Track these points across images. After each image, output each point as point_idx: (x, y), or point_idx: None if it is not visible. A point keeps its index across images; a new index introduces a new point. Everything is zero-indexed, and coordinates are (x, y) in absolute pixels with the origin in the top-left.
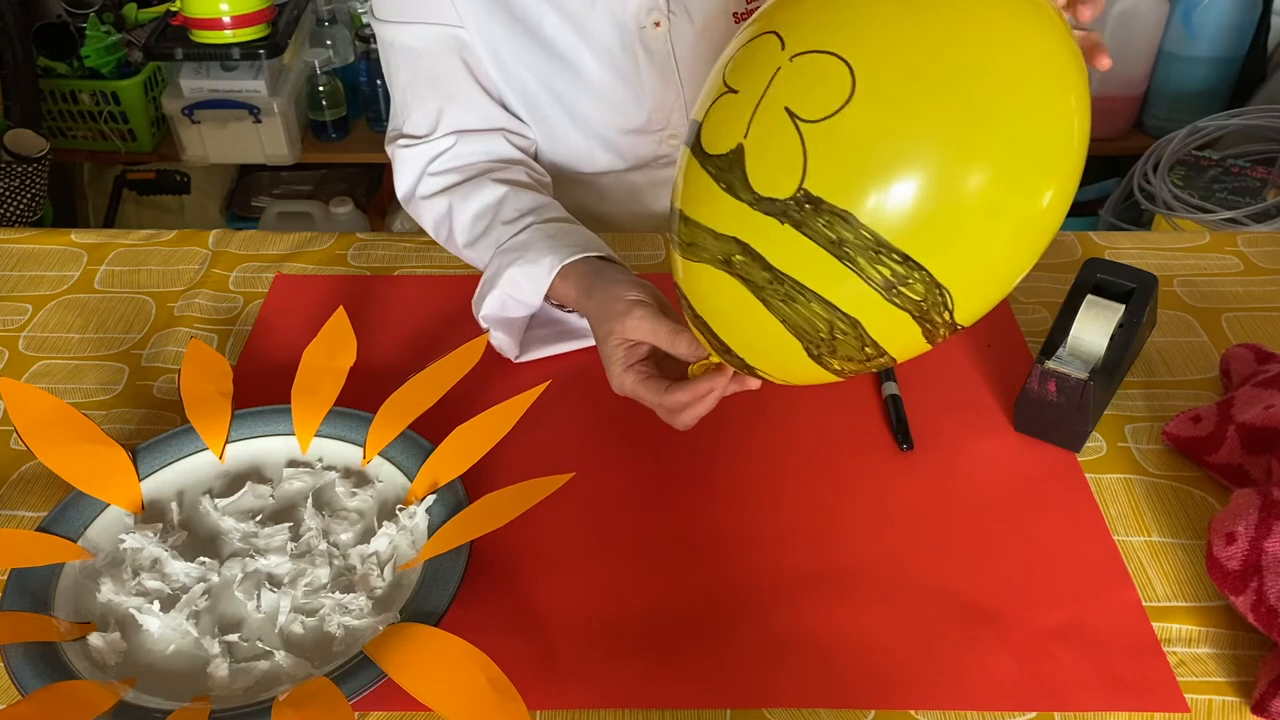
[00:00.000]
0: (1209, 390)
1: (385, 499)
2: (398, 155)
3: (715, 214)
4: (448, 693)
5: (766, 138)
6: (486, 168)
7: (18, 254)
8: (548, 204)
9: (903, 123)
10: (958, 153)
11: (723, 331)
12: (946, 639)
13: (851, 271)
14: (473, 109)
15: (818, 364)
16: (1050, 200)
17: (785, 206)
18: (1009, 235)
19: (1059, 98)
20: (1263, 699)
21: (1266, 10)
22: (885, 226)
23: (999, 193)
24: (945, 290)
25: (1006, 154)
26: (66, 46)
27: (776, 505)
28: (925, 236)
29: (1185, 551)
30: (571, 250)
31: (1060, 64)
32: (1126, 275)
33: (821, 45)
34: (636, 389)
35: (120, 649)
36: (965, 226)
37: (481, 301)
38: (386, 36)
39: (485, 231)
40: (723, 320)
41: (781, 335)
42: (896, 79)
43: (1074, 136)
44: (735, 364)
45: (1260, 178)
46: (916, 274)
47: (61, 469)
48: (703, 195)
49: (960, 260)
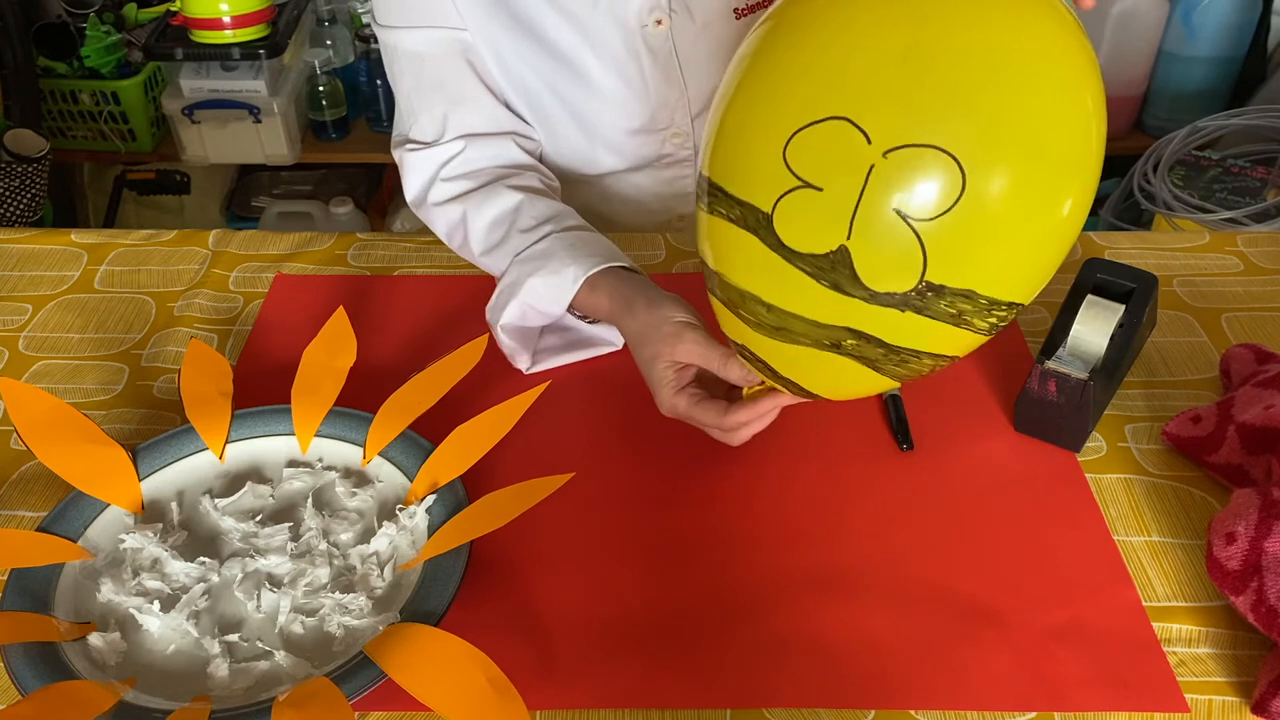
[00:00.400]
0: (1209, 390)
1: (385, 499)
2: (406, 160)
3: (817, 307)
4: (448, 693)
5: (876, 239)
6: (500, 174)
7: (18, 254)
8: (564, 211)
9: (1005, 198)
10: (1041, 202)
11: (805, 381)
12: (946, 639)
13: (967, 331)
14: (479, 112)
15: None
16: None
17: (906, 298)
18: (1051, 245)
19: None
20: (1263, 699)
21: (1266, 10)
22: (1001, 289)
23: (1049, 216)
24: (1018, 305)
25: (1051, 180)
26: (66, 46)
27: (776, 505)
28: (1025, 283)
29: (1185, 551)
30: (595, 261)
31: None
32: (1126, 275)
33: (918, 139)
34: (691, 412)
35: (120, 649)
36: (1040, 257)
37: (500, 310)
38: (389, 41)
39: (503, 240)
40: (813, 378)
41: (873, 382)
42: (995, 159)
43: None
44: (791, 389)
45: (1260, 178)
46: (1014, 311)
47: (61, 469)
48: (794, 288)
49: (1031, 283)
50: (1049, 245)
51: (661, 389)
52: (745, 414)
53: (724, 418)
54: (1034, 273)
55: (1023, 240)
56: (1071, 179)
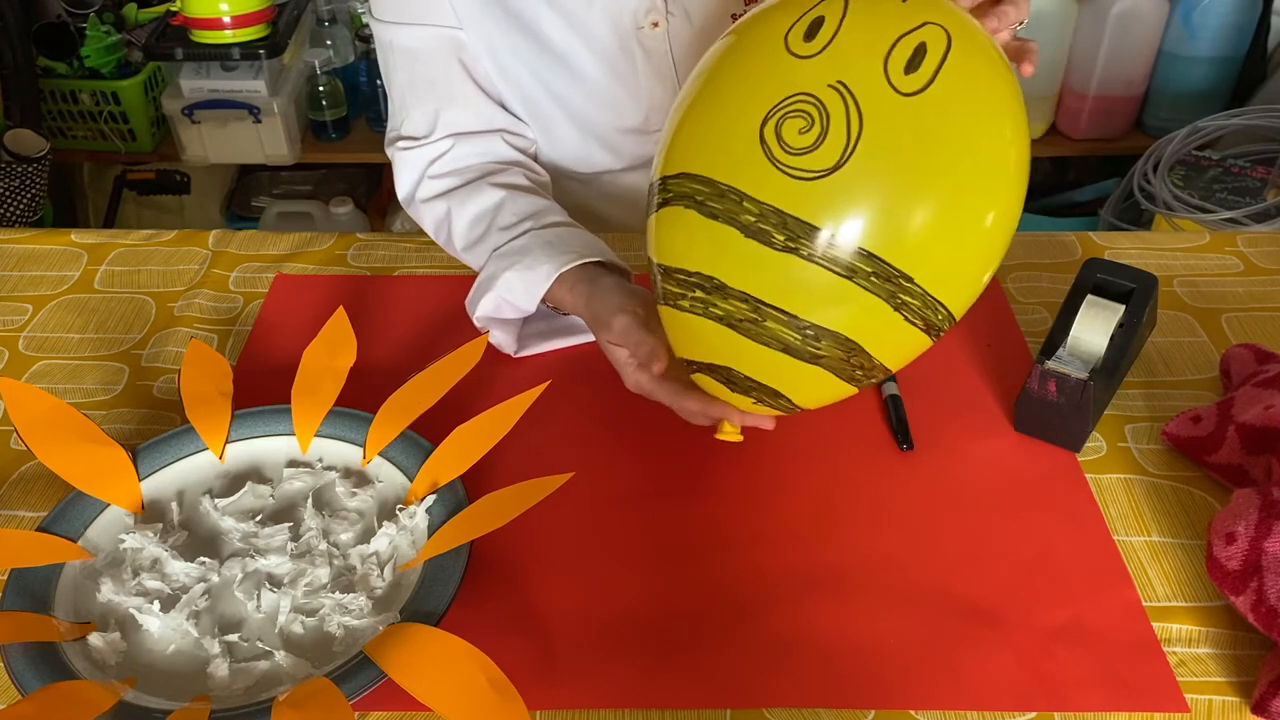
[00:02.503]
0: (1209, 390)
1: (385, 499)
2: (397, 157)
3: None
4: (448, 693)
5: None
6: (485, 170)
7: (18, 254)
8: (546, 208)
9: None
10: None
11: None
12: (946, 639)
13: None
14: (470, 111)
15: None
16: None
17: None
18: (977, 252)
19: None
20: (1263, 699)
21: (1266, 10)
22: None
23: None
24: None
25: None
26: (66, 46)
27: (777, 505)
28: (956, 285)
29: (1185, 551)
30: (569, 258)
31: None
32: (1126, 275)
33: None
34: (653, 389)
35: (120, 649)
36: (968, 263)
37: (476, 303)
38: (385, 37)
39: (483, 236)
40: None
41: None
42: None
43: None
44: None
45: (1260, 178)
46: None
47: (61, 469)
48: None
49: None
50: (976, 252)
51: (623, 369)
52: (696, 405)
53: (678, 400)
54: (964, 277)
55: (952, 247)
56: (993, 197)
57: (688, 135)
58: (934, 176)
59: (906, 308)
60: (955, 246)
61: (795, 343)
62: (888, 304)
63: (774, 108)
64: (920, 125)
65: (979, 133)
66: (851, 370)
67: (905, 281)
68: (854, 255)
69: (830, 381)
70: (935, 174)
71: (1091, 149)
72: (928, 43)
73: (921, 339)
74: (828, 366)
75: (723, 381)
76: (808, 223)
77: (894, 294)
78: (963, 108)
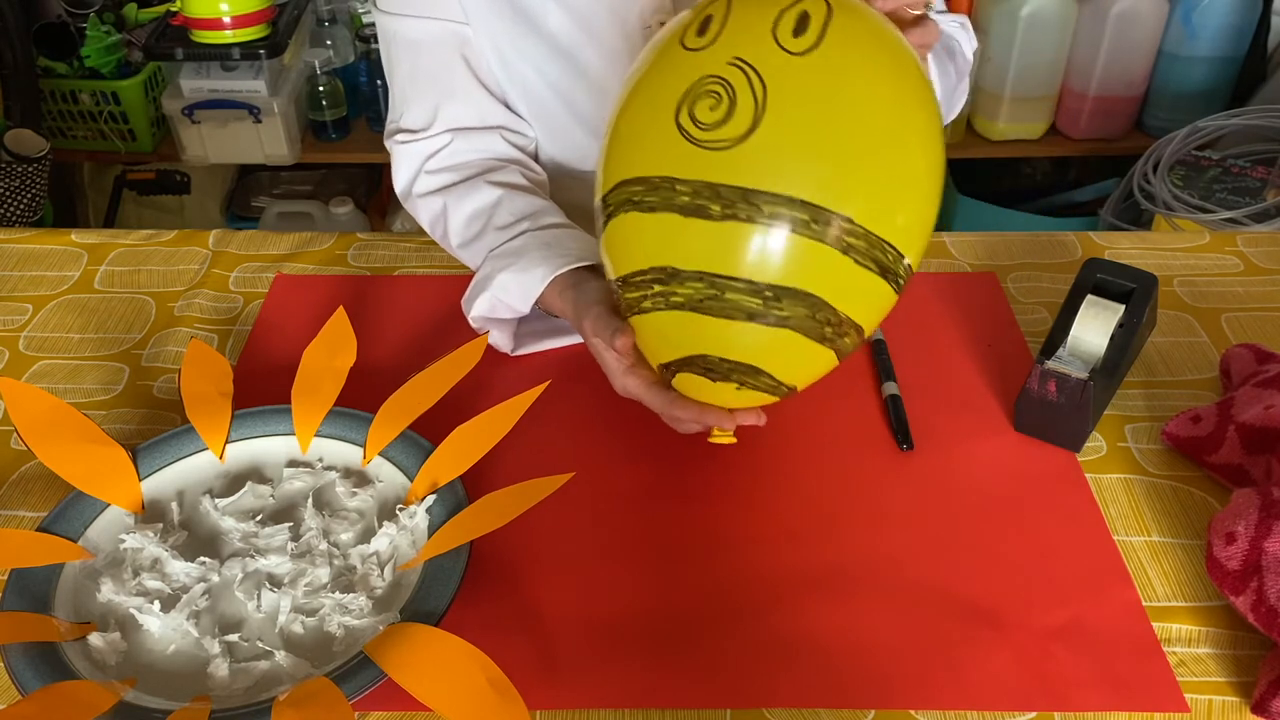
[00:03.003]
0: (1209, 390)
1: (385, 499)
2: (395, 150)
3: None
4: (448, 693)
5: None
6: (483, 166)
7: (18, 254)
8: (543, 208)
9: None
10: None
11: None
12: (946, 639)
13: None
14: (470, 106)
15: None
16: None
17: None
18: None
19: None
20: (1263, 699)
21: (1266, 10)
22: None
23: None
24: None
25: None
26: (66, 46)
27: (777, 505)
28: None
29: (1185, 551)
30: (565, 260)
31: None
32: (1126, 275)
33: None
34: (641, 393)
35: (120, 649)
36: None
37: (471, 303)
38: (389, 28)
39: (479, 234)
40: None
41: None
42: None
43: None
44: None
45: (1260, 178)
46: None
47: (61, 469)
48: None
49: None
50: (903, 190)
51: (612, 372)
52: (685, 413)
53: (669, 408)
54: (900, 214)
55: (878, 186)
56: (905, 139)
57: (615, 150)
58: (842, 124)
59: (854, 250)
60: (881, 185)
61: (758, 308)
62: (834, 249)
63: (683, 95)
64: (820, 79)
65: (878, 80)
66: (821, 328)
67: (844, 222)
68: (788, 206)
69: (803, 345)
70: (843, 121)
71: (1091, 149)
72: (809, 11)
73: (880, 285)
74: (796, 328)
75: (702, 373)
76: (738, 186)
77: (838, 238)
78: (857, 57)
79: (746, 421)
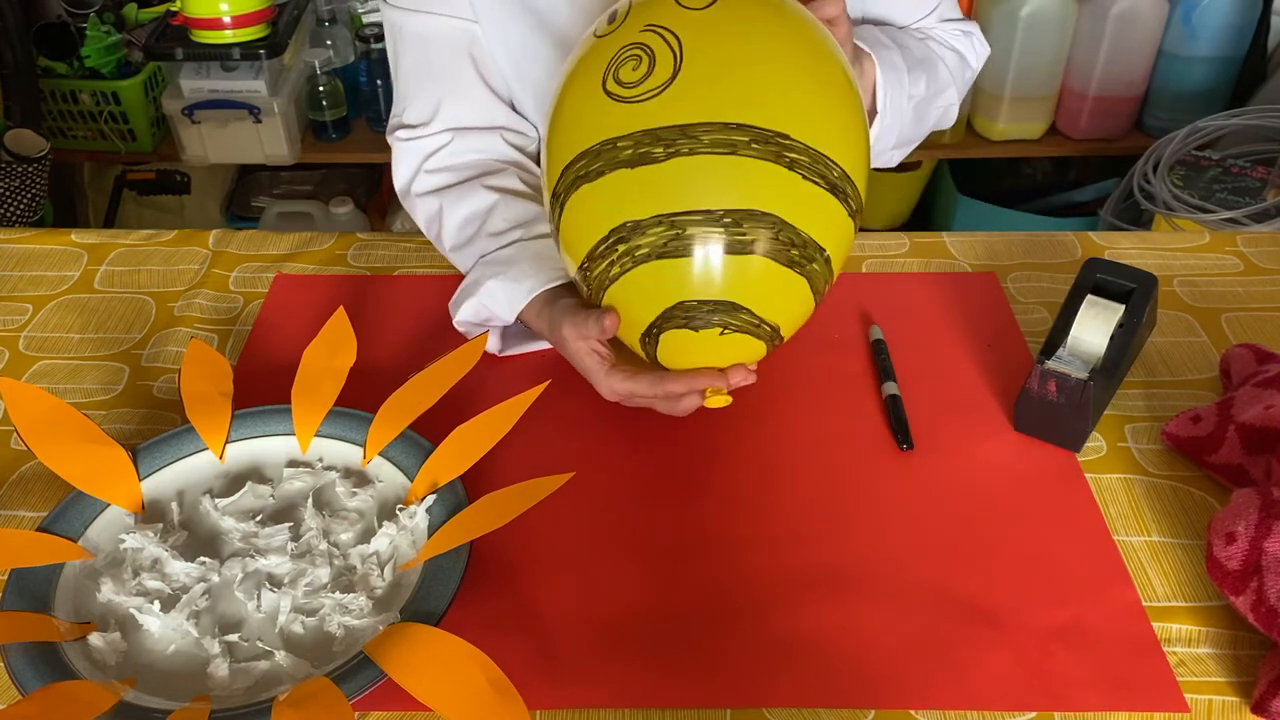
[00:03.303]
0: (1209, 390)
1: (385, 499)
2: (396, 147)
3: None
4: (448, 693)
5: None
6: (481, 168)
7: (18, 254)
8: (538, 215)
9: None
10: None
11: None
12: (946, 639)
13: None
14: (472, 105)
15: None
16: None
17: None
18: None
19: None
20: (1263, 699)
21: (1266, 10)
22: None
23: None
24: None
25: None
26: (66, 46)
27: (777, 505)
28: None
29: (1185, 551)
30: (555, 275)
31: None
32: (1126, 275)
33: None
34: (629, 386)
35: (120, 649)
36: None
37: (458, 307)
38: (396, 21)
39: (472, 239)
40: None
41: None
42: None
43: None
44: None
45: (1260, 178)
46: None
47: (61, 469)
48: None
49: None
50: (829, 109)
51: (594, 375)
52: (679, 384)
53: (659, 387)
54: (833, 131)
55: (803, 105)
56: (811, 66)
57: (553, 143)
58: (755, 53)
59: (799, 165)
60: (806, 105)
61: (721, 237)
62: (779, 164)
63: (605, 67)
64: (726, 21)
65: (777, 19)
66: (787, 250)
67: (783, 139)
68: (725, 130)
69: (774, 271)
70: (756, 51)
71: (1091, 149)
72: None
73: (832, 203)
74: (763, 252)
75: (683, 324)
76: (675, 125)
77: (779, 154)
78: (752, 6)
79: (737, 379)
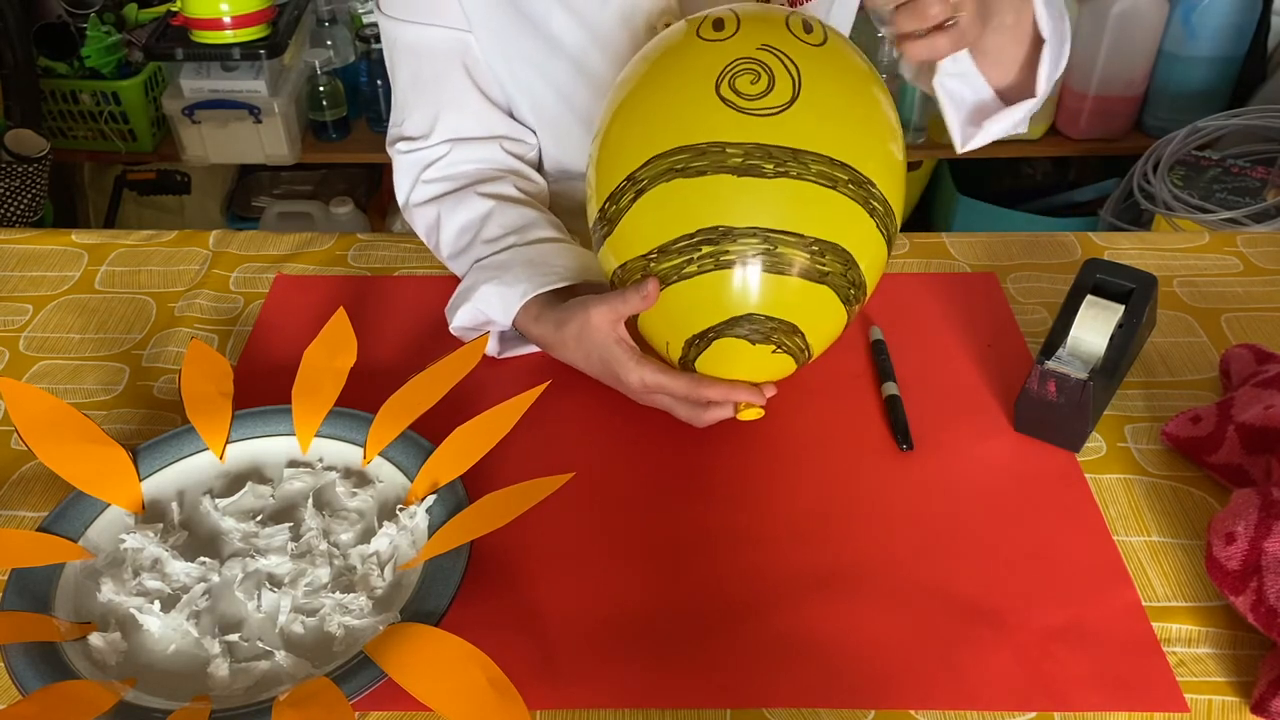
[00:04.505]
0: (1209, 390)
1: (385, 499)
2: (397, 160)
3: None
4: (448, 693)
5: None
6: (477, 176)
7: (18, 254)
8: (533, 221)
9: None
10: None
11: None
12: (946, 639)
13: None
14: (470, 116)
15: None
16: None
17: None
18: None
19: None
20: (1263, 699)
21: (1266, 10)
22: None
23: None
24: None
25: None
26: (67, 46)
27: (777, 505)
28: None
29: (1185, 551)
30: (548, 279)
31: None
32: (1126, 275)
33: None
34: (660, 380)
35: (120, 649)
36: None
37: (454, 313)
38: (391, 33)
39: (467, 246)
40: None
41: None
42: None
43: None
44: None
45: (1260, 178)
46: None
47: (62, 469)
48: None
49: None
50: (899, 170)
51: (623, 365)
52: (716, 391)
53: (696, 389)
54: (899, 191)
55: (889, 163)
56: (893, 125)
57: (639, 130)
58: (858, 102)
59: (876, 214)
60: (889, 160)
61: (805, 263)
62: (864, 209)
63: (720, 74)
64: (835, 64)
65: (868, 76)
66: (848, 289)
67: (871, 188)
68: (832, 166)
69: (833, 305)
70: (858, 100)
71: (1091, 149)
72: (807, 19)
73: (885, 253)
74: (832, 284)
75: (745, 335)
76: (789, 147)
77: (866, 199)
78: (851, 55)
79: (769, 395)
